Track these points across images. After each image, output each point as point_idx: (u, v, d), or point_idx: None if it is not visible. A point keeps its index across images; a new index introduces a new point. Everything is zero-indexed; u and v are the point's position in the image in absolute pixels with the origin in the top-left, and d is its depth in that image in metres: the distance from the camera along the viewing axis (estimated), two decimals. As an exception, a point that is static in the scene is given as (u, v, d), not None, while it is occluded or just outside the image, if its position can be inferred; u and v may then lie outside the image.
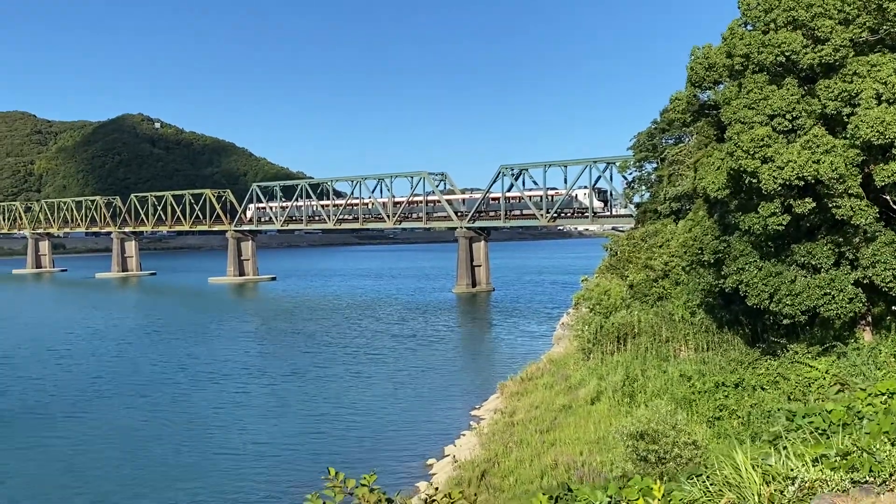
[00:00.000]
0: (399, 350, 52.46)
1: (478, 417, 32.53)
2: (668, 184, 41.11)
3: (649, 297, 37.65)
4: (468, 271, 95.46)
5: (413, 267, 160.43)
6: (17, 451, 29.18)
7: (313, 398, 37.80)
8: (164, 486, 24.85)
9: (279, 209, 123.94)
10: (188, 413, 35.10)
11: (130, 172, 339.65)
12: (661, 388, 26.16)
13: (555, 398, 29.06)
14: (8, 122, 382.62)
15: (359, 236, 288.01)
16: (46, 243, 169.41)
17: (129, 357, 51.52)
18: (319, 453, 28.55)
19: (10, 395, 39.47)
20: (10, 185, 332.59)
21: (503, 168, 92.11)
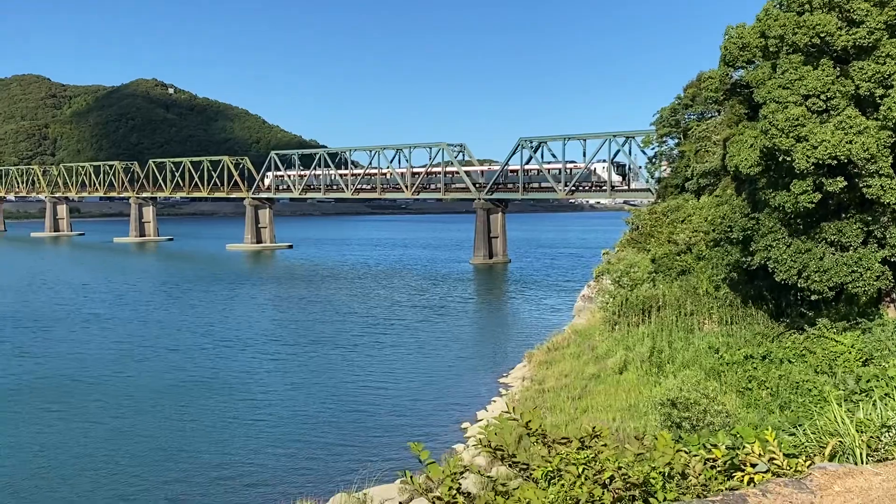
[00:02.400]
0: (420, 319, 53.34)
1: (506, 385, 33.44)
2: (695, 160, 41.55)
3: (672, 270, 38.32)
4: (485, 243, 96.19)
5: (427, 237, 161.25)
6: (46, 416, 30.12)
7: (340, 366, 38.68)
8: (196, 452, 25.77)
9: (297, 177, 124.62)
10: (216, 380, 35.99)
11: (144, 137, 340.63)
12: (690, 360, 26.95)
13: (583, 367, 29.89)
14: (23, 85, 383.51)
15: (372, 206, 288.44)
16: (64, 207, 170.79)
17: (153, 322, 52.58)
18: (353, 420, 29.45)
19: (38, 360, 40.52)
20: (26, 148, 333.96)
21: (522, 140, 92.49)
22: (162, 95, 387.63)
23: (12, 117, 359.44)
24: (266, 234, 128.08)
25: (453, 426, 28.28)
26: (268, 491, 21.32)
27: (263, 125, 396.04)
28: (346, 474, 22.37)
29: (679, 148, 51.93)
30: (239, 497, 20.89)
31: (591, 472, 4.32)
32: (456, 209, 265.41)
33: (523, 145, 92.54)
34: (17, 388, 33.58)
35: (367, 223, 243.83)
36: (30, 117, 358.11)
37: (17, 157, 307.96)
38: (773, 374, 23.71)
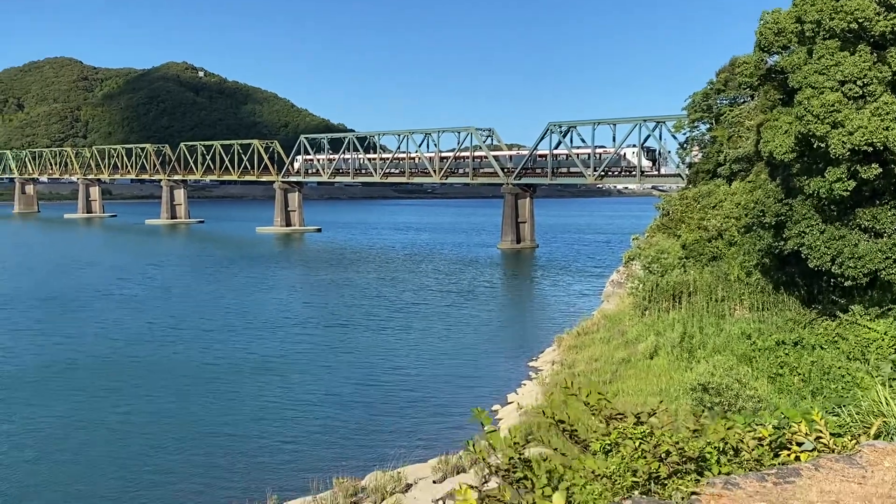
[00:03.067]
0: (448, 303, 53.64)
1: (536, 368, 33.66)
2: (727, 145, 41.38)
3: (703, 256, 38.30)
4: (513, 227, 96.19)
5: (454, 222, 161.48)
6: (83, 394, 30.75)
7: (371, 349, 39.05)
8: (232, 431, 26.25)
9: (326, 161, 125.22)
10: (250, 361, 36.51)
11: (174, 120, 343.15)
12: (721, 345, 27.02)
13: (613, 352, 30.05)
14: (55, 67, 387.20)
15: (398, 190, 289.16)
16: (97, 189, 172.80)
17: (188, 303, 53.33)
18: (385, 402, 29.84)
19: (74, 340, 41.30)
20: (58, 130, 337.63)
21: (551, 125, 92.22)
22: (192, 79, 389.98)
23: (45, 99, 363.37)
24: (295, 218, 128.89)
25: (484, 408, 28.50)
26: (305, 469, 21.75)
27: (292, 109, 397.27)
28: (380, 454, 22.79)
29: (711, 133, 51.74)
30: (277, 475, 21.34)
31: (648, 447, 4.54)
32: (482, 194, 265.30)
33: (552, 130, 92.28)
34: (55, 368, 34.31)
35: (394, 207, 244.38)
36: (62, 100, 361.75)
37: (50, 139, 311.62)
38: (804, 361, 23.75)
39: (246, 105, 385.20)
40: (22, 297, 54.47)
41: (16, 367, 34.18)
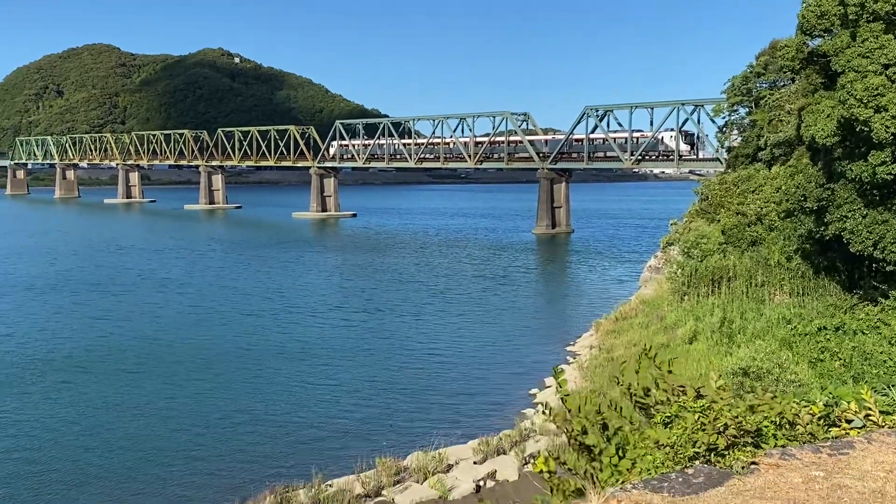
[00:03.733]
0: (484, 288, 53.86)
1: (574, 353, 33.82)
2: (768, 129, 41.04)
3: (742, 241, 38.12)
4: (548, 212, 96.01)
5: (488, 207, 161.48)
6: (127, 377, 31.47)
7: (407, 334, 39.33)
8: (274, 414, 26.73)
9: (361, 147, 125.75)
10: (289, 344, 36.97)
11: (210, 106, 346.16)
12: (761, 330, 26.98)
13: (652, 337, 30.09)
14: (94, 54, 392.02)
15: (432, 175, 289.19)
16: (136, 174, 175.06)
17: (227, 287, 54.07)
18: (423, 386, 30.16)
19: (117, 323, 42.18)
20: (97, 116, 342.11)
21: (588, 109, 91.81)
22: (228, 65, 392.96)
23: (84, 86, 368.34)
24: (331, 203, 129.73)
25: (522, 392, 28.83)
26: (348, 449, 22.18)
27: (326, 94, 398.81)
28: (420, 435, 23.15)
29: (751, 117, 51.28)
30: (321, 455, 21.77)
31: (707, 420, 4.77)
32: (516, 178, 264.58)
33: (589, 114, 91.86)
34: (100, 351, 35.08)
35: (427, 192, 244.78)
36: (100, 86, 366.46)
37: (89, 125, 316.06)
38: (846, 346, 23.65)
39: (281, 91, 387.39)
40: (69, 281, 55.62)
41: (62, 350, 35.01)
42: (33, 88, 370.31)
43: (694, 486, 3.82)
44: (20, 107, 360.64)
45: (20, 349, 35.04)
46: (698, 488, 3.80)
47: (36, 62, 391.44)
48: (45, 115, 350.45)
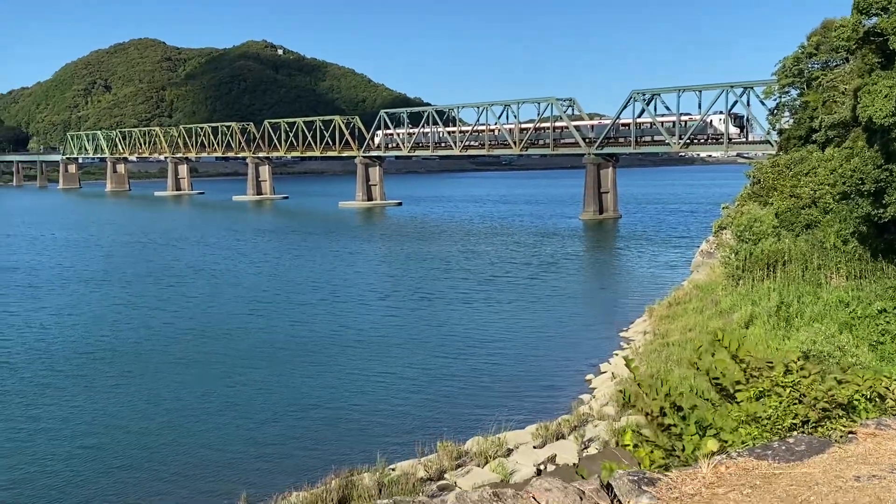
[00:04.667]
0: (533, 275, 53.93)
1: (627, 339, 33.84)
2: (822, 111, 40.46)
3: (796, 225, 37.73)
4: (595, 198, 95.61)
5: (533, 193, 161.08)
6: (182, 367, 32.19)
7: (459, 321, 39.52)
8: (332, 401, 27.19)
9: (406, 135, 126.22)
10: (343, 333, 37.45)
11: (255, 98, 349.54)
12: (819, 314, 26.79)
13: (707, 322, 30.02)
14: (140, 48, 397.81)
15: (475, 163, 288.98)
16: (185, 167, 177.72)
17: (280, 277, 54.95)
18: (479, 372, 30.44)
19: (172, 313, 43.09)
20: (144, 110, 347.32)
21: (634, 93, 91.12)
22: (271, 57, 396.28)
23: (131, 80, 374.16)
24: (376, 192, 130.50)
25: (577, 378, 28.97)
26: (409, 434, 22.58)
27: (369, 84, 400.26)
28: (479, 421, 23.42)
29: (803, 98, 50.53)
30: (381, 442, 22.16)
31: (797, 394, 4.96)
32: (560, 164, 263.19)
33: (635, 98, 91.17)
34: (161, 341, 35.95)
35: (471, 180, 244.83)
36: (147, 80, 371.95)
37: (136, 119, 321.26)
38: (907, 328, 23.44)
39: (324, 81, 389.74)
40: (131, 273, 56.92)
41: (125, 342, 35.95)
42: (82, 84, 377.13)
43: (797, 453, 4.02)
44: (69, 102, 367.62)
45: (85, 340, 36.04)
46: (801, 455, 4.00)
47: (84, 58, 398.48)
48: (93, 110, 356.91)
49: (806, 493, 3.52)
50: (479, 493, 3.36)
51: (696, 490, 3.60)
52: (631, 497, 3.50)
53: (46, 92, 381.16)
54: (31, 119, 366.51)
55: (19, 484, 20.06)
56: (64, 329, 38.25)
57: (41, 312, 42.51)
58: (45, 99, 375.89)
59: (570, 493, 3.43)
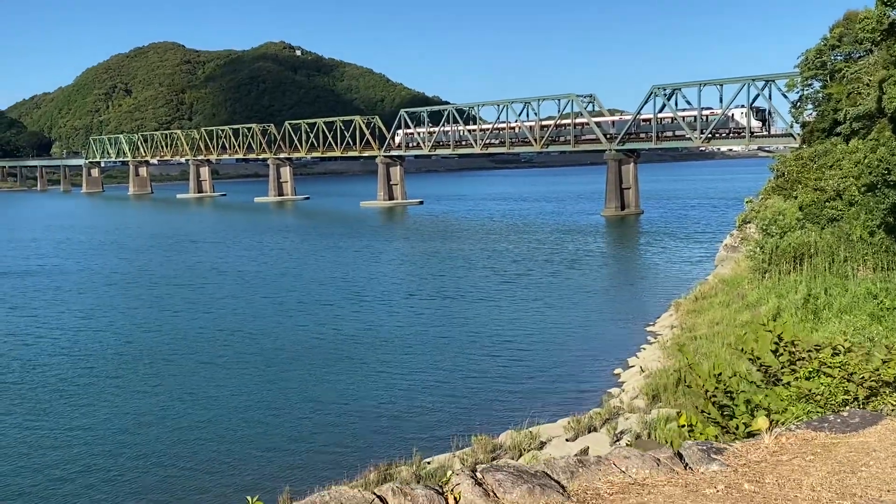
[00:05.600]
0: (557, 271, 54.15)
1: (654, 333, 34.02)
2: (846, 103, 40.42)
3: (821, 217, 37.75)
4: (617, 194, 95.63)
5: (553, 190, 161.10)
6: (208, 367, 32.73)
7: (485, 318, 39.75)
8: (359, 399, 27.59)
9: (426, 134, 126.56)
10: (370, 332, 37.86)
11: (274, 100, 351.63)
12: (847, 306, 26.87)
13: (734, 315, 30.16)
14: (159, 52, 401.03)
15: (495, 161, 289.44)
16: (206, 169, 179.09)
17: (305, 277, 55.44)
18: (509, 367, 30.76)
19: (197, 315, 43.68)
20: (164, 113, 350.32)
21: (655, 88, 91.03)
22: (290, 58, 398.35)
23: (151, 84, 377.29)
24: (397, 191, 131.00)
25: (606, 372, 29.23)
26: (443, 429, 22.95)
27: (387, 83, 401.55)
28: (511, 415, 23.76)
29: (826, 91, 50.43)
30: (416, 436, 22.55)
31: (845, 373, 5.26)
32: (580, 161, 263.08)
33: (656, 93, 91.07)
34: (188, 341, 36.53)
35: (491, 178, 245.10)
36: (167, 83, 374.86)
37: (157, 123, 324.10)
38: (937, 319, 23.50)
39: (342, 81, 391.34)
40: (161, 275, 57.73)
41: (156, 343, 36.54)
42: (103, 88, 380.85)
43: (851, 425, 4.32)
44: (90, 107, 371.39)
45: (112, 342, 36.69)
46: (856, 427, 4.30)
47: (104, 62, 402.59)
48: (114, 114, 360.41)
49: (865, 459, 3.82)
50: (565, 461, 3.69)
51: (762, 457, 3.91)
52: (701, 464, 3.81)
53: (68, 97, 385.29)
54: (53, 124, 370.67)
55: (62, 482, 20.60)
56: (97, 331, 38.98)
57: (71, 315, 43.28)
58: (66, 104, 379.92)
59: (647, 460, 3.75)
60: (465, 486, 3.36)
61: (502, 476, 3.39)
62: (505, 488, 3.32)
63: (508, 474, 3.39)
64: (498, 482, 3.36)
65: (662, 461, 3.79)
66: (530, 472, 3.49)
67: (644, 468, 3.70)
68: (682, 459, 3.87)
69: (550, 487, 3.36)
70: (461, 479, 3.40)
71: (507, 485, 3.34)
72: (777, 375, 6.36)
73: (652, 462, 3.75)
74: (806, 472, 3.67)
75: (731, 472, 3.74)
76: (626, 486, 3.49)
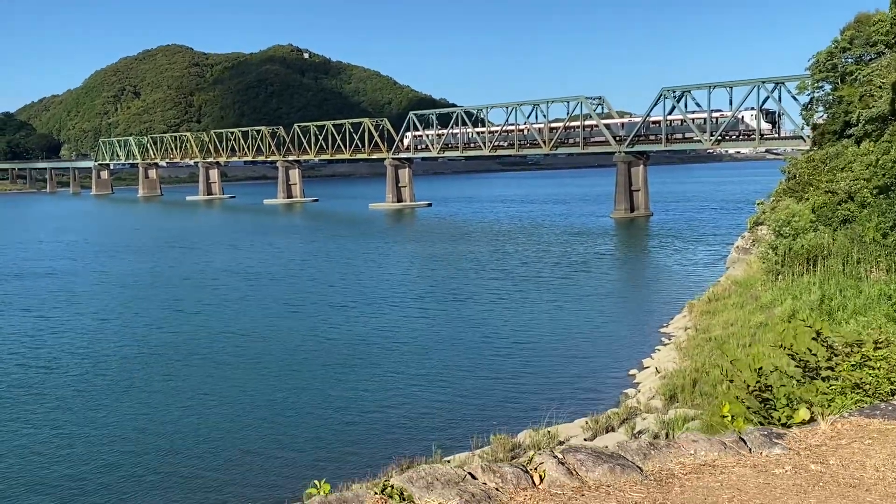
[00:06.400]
0: (568, 274, 54.28)
1: (668, 335, 34.18)
2: (859, 105, 40.55)
3: (833, 220, 37.85)
4: (626, 196, 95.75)
5: (561, 193, 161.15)
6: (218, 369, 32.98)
7: (499, 320, 39.85)
8: (377, 401, 27.79)
9: (435, 137, 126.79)
10: (385, 333, 38.13)
11: (282, 102, 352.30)
12: (862, 307, 27.00)
13: (749, 316, 30.28)
14: (167, 55, 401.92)
15: (502, 163, 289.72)
16: (216, 171, 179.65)
17: (320, 279, 55.73)
18: (524, 368, 30.93)
19: (210, 316, 43.99)
20: (173, 116, 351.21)
21: (664, 90, 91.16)
22: (297, 60, 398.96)
23: (159, 86, 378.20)
24: (406, 193, 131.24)
25: (621, 373, 29.41)
26: (462, 428, 23.16)
27: (394, 86, 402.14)
28: (528, 415, 23.95)
29: (837, 93, 50.52)
30: (435, 434, 22.76)
31: (889, 365, 5.47)
32: (587, 163, 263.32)
33: (666, 95, 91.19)
34: (211, 344, 36.79)
35: (498, 180, 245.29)
36: (175, 86, 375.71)
37: (166, 125, 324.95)
38: (951, 320, 23.61)
39: (350, 84, 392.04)
40: (180, 276, 58.09)
41: (172, 344, 36.85)
42: (111, 91, 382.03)
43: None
44: (99, 109, 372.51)
45: (129, 343, 37.01)
46: (908, 414, 4.51)
47: (113, 65, 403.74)
48: (123, 117, 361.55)
49: (920, 443, 4.02)
50: (637, 444, 3.90)
51: (821, 442, 4.12)
52: (764, 448, 4.02)
53: (77, 99, 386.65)
54: (62, 126, 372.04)
55: (83, 483, 20.87)
56: (113, 332, 39.37)
57: (87, 316, 43.66)
58: (75, 106, 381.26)
59: (714, 443, 3.96)
60: (549, 464, 3.57)
61: (583, 456, 3.60)
62: (587, 467, 3.53)
63: (588, 455, 3.60)
64: (580, 462, 3.57)
65: (728, 444, 4.00)
66: (607, 453, 3.70)
67: (712, 451, 3.91)
68: (745, 444, 4.08)
69: (629, 467, 3.57)
70: (545, 459, 3.61)
71: (589, 464, 3.55)
72: (817, 370, 6.56)
73: (719, 445, 3.96)
74: (867, 455, 3.88)
75: (793, 455, 3.95)
76: (697, 467, 3.70)
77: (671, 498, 3.36)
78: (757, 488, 3.44)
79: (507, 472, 3.47)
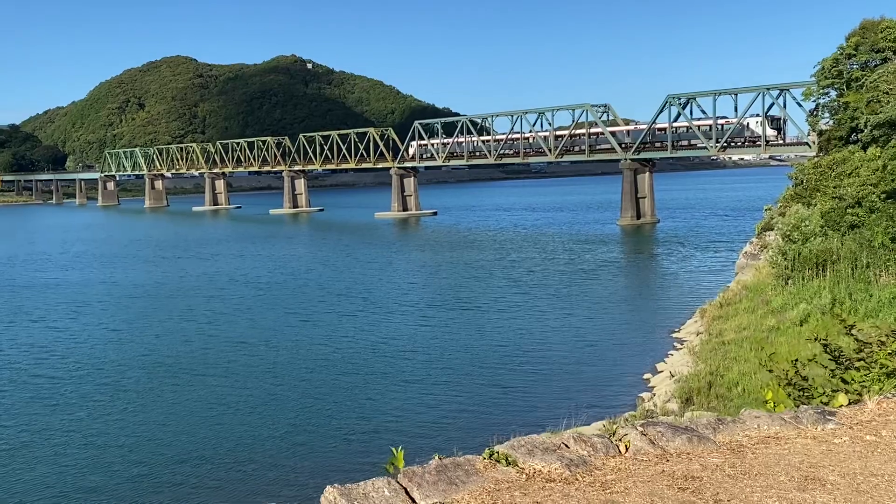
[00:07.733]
0: (578, 281, 54.62)
1: (680, 339, 34.53)
2: (865, 111, 40.95)
3: (841, 225, 38.20)
4: (633, 203, 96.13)
5: (566, 200, 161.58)
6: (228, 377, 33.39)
7: (511, 328, 40.12)
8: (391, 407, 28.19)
9: (440, 145, 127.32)
10: (396, 341, 38.53)
11: (286, 113, 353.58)
12: (873, 310, 27.36)
13: (761, 320, 30.64)
14: (172, 66, 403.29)
15: (506, 171, 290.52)
16: (222, 182, 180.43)
17: (329, 288, 56.13)
18: (538, 373, 31.31)
19: (219, 325, 44.41)
20: (178, 127, 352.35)
21: (670, 98, 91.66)
22: (301, 71, 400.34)
23: (164, 98, 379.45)
24: (411, 203, 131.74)
25: (636, 377, 29.74)
26: (481, 429, 23.49)
27: (398, 95, 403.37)
28: (543, 418, 24.25)
29: (843, 99, 50.93)
30: (455, 436, 23.13)
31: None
32: (592, 171, 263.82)
33: (671, 102, 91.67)
34: (210, 350, 37.21)
35: (503, 188, 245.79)
36: (180, 97, 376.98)
37: (170, 136, 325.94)
38: (963, 322, 23.97)
39: (353, 94, 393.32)
40: (188, 286, 58.53)
41: (185, 353, 37.27)
42: (116, 102, 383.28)
43: (943, 393, 4.95)
44: (104, 120, 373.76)
45: (140, 352, 37.42)
46: (948, 395, 4.92)
47: (117, 77, 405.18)
48: (128, 128, 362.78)
49: (963, 418, 4.43)
50: (706, 419, 4.31)
51: (871, 418, 4.53)
52: (819, 424, 4.43)
53: (82, 111, 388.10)
54: (67, 138, 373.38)
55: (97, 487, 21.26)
56: (123, 342, 39.79)
57: (98, 327, 44.11)
58: (80, 118, 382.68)
59: (775, 419, 4.37)
60: (633, 435, 3.98)
61: (662, 429, 4.01)
62: (667, 438, 3.95)
63: (667, 427, 4.01)
64: (660, 433, 3.98)
65: (787, 420, 4.41)
66: (682, 426, 4.11)
67: (773, 425, 4.32)
68: (801, 420, 4.49)
69: (704, 438, 3.98)
70: (628, 430, 4.01)
71: (668, 435, 3.96)
72: (851, 361, 6.96)
73: (779, 420, 4.38)
74: (916, 427, 4.29)
75: (847, 429, 4.36)
76: (763, 438, 4.10)
77: (747, 461, 3.76)
78: (822, 454, 3.85)
79: (597, 442, 3.88)
